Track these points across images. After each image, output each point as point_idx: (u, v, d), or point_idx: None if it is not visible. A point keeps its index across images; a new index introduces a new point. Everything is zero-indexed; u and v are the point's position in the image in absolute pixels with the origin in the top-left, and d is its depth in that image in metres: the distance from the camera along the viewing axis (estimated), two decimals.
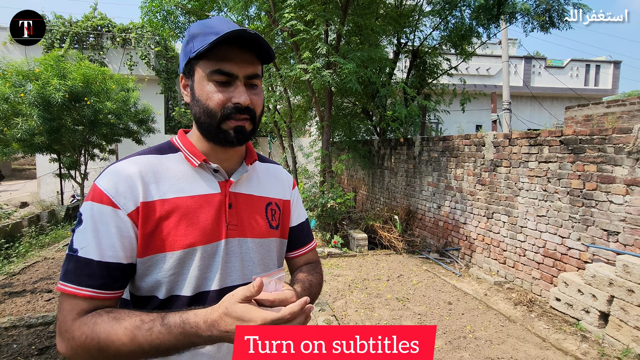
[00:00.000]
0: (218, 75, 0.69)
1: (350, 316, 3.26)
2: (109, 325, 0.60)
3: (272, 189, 0.86)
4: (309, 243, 0.95)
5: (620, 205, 2.88)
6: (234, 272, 0.74)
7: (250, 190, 0.81)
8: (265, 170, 0.89)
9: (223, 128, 0.71)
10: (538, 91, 13.37)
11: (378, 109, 6.94)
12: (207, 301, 0.70)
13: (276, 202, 0.86)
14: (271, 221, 0.83)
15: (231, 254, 0.74)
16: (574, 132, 3.28)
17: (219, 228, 0.72)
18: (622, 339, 2.62)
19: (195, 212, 0.71)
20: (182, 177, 0.73)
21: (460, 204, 4.75)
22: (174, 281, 0.68)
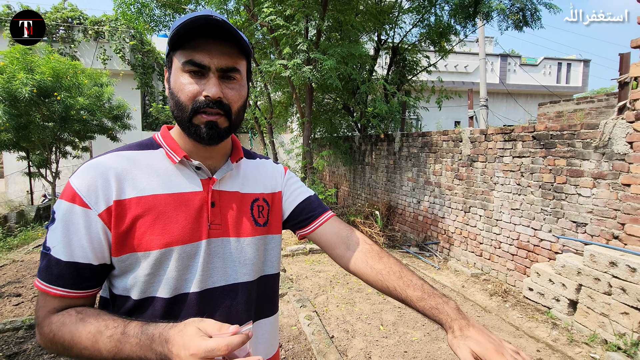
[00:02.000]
0: (190, 66, 0.66)
1: (332, 311, 3.28)
2: (75, 327, 0.59)
3: (259, 184, 0.83)
4: (324, 213, 0.87)
5: (587, 197, 3.01)
6: (216, 274, 0.71)
7: (234, 188, 0.77)
8: (253, 166, 0.85)
9: (194, 122, 0.67)
10: (513, 88, 13.77)
11: (359, 105, 6.97)
12: (187, 304, 0.67)
13: (264, 198, 0.82)
14: (257, 218, 0.79)
15: (214, 254, 0.71)
16: (545, 128, 3.39)
17: (199, 227, 0.69)
18: (589, 325, 2.75)
19: (173, 211, 0.68)
20: (162, 174, 0.70)
21: (438, 199, 4.84)
22: (149, 282, 0.66)
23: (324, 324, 3.03)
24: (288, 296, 3.48)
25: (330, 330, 2.94)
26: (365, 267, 0.80)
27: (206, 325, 0.54)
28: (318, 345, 2.60)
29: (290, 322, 3.04)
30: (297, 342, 2.73)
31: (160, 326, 0.56)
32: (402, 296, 0.75)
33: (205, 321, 0.55)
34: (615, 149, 2.80)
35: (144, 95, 11.62)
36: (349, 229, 0.87)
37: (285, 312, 3.21)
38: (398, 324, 3.07)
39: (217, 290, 0.71)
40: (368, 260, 0.81)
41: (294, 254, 4.88)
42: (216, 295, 0.71)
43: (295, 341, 2.75)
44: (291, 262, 4.65)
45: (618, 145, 2.79)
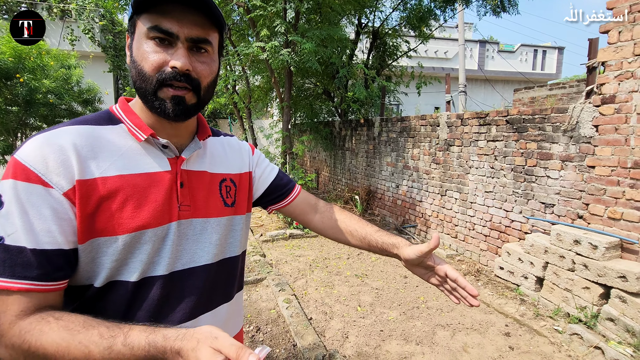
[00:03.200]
0: (155, 32, 0.60)
1: (310, 294, 3.32)
2: (59, 336, 0.52)
3: (226, 164, 0.82)
4: (294, 187, 0.97)
5: (556, 179, 3.13)
6: (185, 256, 0.69)
7: (203, 167, 0.75)
8: (219, 145, 0.83)
9: (159, 96, 0.62)
10: (491, 74, 14.00)
11: (339, 90, 6.92)
12: (154, 287, 0.65)
13: (231, 178, 0.81)
14: (226, 199, 0.78)
15: (183, 236, 0.69)
16: (518, 112, 3.48)
17: (170, 209, 0.67)
18: (554, 300, 2.90)
19: (143, 192, 0.64)
20: (126, 153, 0.64)
21: (417, 183, 4.92)
22: (116, 267, 0.62)
23: (303, 307, 3.06)
24: (267, 280, 3.49)
25: (309, 313, 2.98)
26: (331, 220, 0.96)
27: (221, 345, 0.50)
28: (296, 327, 2.63)
29: (269, 306, 3.06)
30: (275, 325, 2.76)
31: (168, 337, 0.52)
32: (362, 234, 0.91)
33: (219, 338, 0.51)
34: (583, 132, 2.91)
35: (117, 79, 11.14)
36: (315, 197, 1.00)
37: (264, 296, 3.23)
38: (375, 304, 3.14)
39: (184, 272, 0.69)
40: (332, 215, 0.96)
41: (274, 240, 4.88)
42: (183, 277, 0.69)
43: (273, 324, 2.78)
44: (271, 247, 4.66)
45: (585, 129, 2.89)
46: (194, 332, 0.52)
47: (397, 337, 2.64)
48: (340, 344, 2.56)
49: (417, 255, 0.79)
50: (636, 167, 2.56)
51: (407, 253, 0.81)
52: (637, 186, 2.56)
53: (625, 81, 2.61)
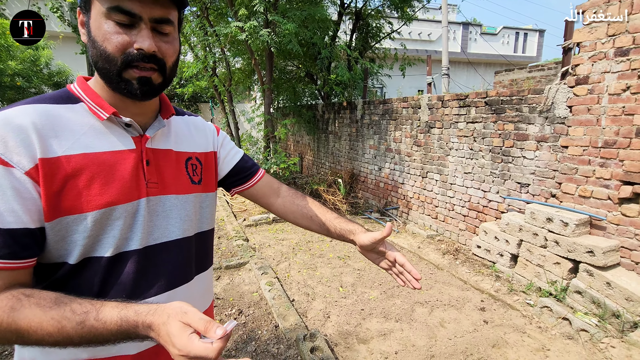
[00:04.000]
0: (117, 14, 0.59)
1: (293, 277, 3.35)
2: (31, 312, 0.53)
3: (191, 143, 0.82)
4: (258, 170, 0.98)
5: (531, 160, 3.20)
6: (157, 231, 0.71)
7: (168, 146, 0.76)
8: (183, 124, 0.83)
9: (125, 77, 0.62)
10: (474, 57, 14.06)
11: (322, 72, 6.82)
12: (129, 262, 0.67)
13: (197, 157, 0.82)
14: (192, 177, 0.80)
15: (153, 212, 0.70)
16: (496, 94, 3.51)
17: (137, 186, 0.67)
18: (527, 276, 3.02)
19: (110, 169, 0.64)
20: (89, 132, 0.64)
21: (399, 165, 4.96)
22: (89, 244, 0.63)
23: (285, 289, 3.09)
24: (250, 264, 3.50)
25: (291, 295, 3.01)
26: (292, 205, 0.97)
27: (190, 318, 0.52)
28: (278, 309, 2.66)
29: (251, 289, 3.08)
30: (257, 308, 2.78)
31: (140, 312, 0.54)
32: (322, 220, 0.94)
33: (189, 313, 0.53)
34: (557, 112, 2.97)
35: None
36: (278, 182, 1.01)
37: (247, 280, 3.24)
38: (357, 284, 3.20)
39: (158, 246, 0.71)
40: (294, 200, 0.98)
41: (257, 224, 4.87)
42: (157, 252, 0.71)
43: (256, 307, 2.80)
44: (254, 231, 4.65)
45: (559, 110, 2.95)
46: (165, 307, 0.54)
47: (377, 315, 2.71)
48: (321, 323, 2.61)
49: (371, 242, 0.84)
50: (606, 147, 2.64)
51: (362, 239, 0.86)
52: (607, 165, 2.65)
53: (598, 62, 2.66)
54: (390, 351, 2.30)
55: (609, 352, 2.22)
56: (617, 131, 2.57)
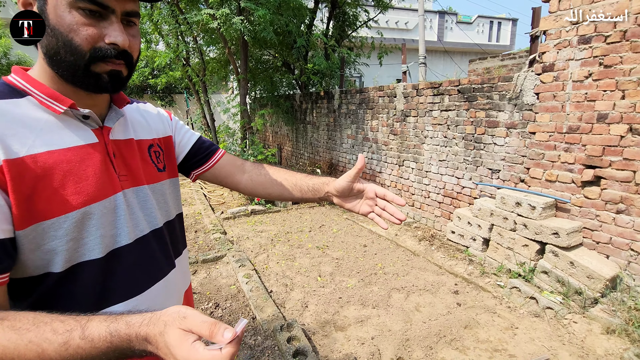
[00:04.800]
0: (87, 3, 0.55)
1: (272, 268, 3.35)
2: (5, 337, 0.46)
3: (150, 130, 0.81)
4: (218, 150, 0.94)
5: (501, 146, 3.29)
6: (141, 222, 0.71)
7: (128, 135, 0.74)
8: (136, 112, 0.81)
9: (94, 71, 0.59)
10: (450, 46, 14.22)
11: (298, 61, 6.73)
12: (122, 258, 0.66)
13: (157, 143, 0.81)
14: (157, 164, 0.79)
15: (132, 205, 0.69)
16: (469, 82, 3.56)
17: (110, 180, 0.65)
18: (497, 259, 3.13)
19: (79, 166, 0.61)
20: (46, 128, 0.59)
21: (376, 154, 5.00)
22: (74, 248, 0.59)
23: (263, 281, 3.09)
24: (227, 257, 3.46)
25: (270, 286, 3.01)
26: (259, 176, 0.94)
27: (191, 323, 0.45)
28: (256, 301, 2.66)
29: (229, 282, 3.05)
30: (235, 300, 2.77)
31: (132, 324, 0.47)
32: (293, 182, 0.91)
33: (188, 317, 0.46)
34: (525, 100, 3.04)
35: None
36: (241, 159, 0.97)
37: (224, 273, 3.21)
38: (335, 274, 3.23)
39: (146, 237, 0.72)
40: (260, 171, 0.94)
41: (235, 217, 4.81)
42: (146, 243, 0.71)
43: (233, 299, 2.78)
44: (232, 224, 4.60)
45: (527, 97, 3.03)
46: (160, 314, 0.48)
47: (354, 302, 2.75)
48: (299, 313, 2.62)
49: (348, 181, 0.81)
50: (570, 132, 2.74)
51: (337, 184, 0.83)
52: (571, 150, 2.75)
53: (563, 49, 2.73)
54: (367, 337, 2.34)
55: (572, 327, 2.35)
56: (580, 117, 2.67)
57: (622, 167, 2.46)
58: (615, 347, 2.16)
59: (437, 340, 2.29)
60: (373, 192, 0.82)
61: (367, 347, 2.22)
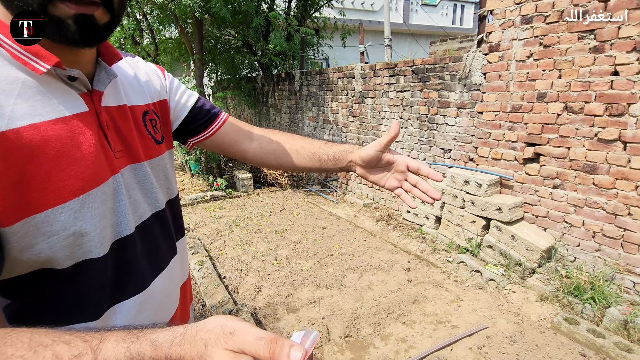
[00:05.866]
0: None
1: (228, 254, 3.29)
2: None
3: (142, 93, 0.67)
4: (220, 113, 0.82)
5: (452, 126, 3.35)
6: (142, 205, 0.62)
7: (121, 101, 0.61)
8: (127, 68, 0.67)
9: (53, 15, 0.45)
10: (415, 28, 14.28)
11: (259, 42, 6.49)
12: (128, 248, 0.57)
13: (153, 109, 0.69)
14: (154, 135, 0.67)
15: (129, 186, 0.59)
16: (422, 62, 3.58)
17: (107, 159, 0.54)
18: (448, 235, 3.24)
19: (72, 143, 0.49)
20: (23, 93, 0.46)
21: (336, 137, 4.98)
22: (74, 244, 0.49)
23: (217, 267, 3.02)
24: None
25: (223, 272, 2.96)
26: (271, 143, 0.82)
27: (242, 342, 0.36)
28: (206, 288, 2.60)
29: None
30: None
31: (160, 344, 0.37)
32: (310, 150, 0.80)
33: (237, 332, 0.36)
34: (474, 79, 3.10)
35: None
36: (247, 124, 0.85)
37: None
38: (292, 257, 3.22)
39: (147, 222, 0.63)
40: (272, 137, 0.83)
41: (193, 203, 4.67)
42: (149, 227, 0.63)
43: None
44: (190, 211, 4.46)
45: (475, 77, 3.08)
46: (197, 329, 0.38)
47: (309, 284, 2.76)
48: (252, 297, 2.60)
49: (377, 150, 0.70)
50: (514, 111, 2.82)
51: (364, 152, 0.72)
52: (514, 128, 2.84)
53: (507, 29, 2.78)
54: (318, 317, 2.36)
55: (510, 297, 2.48)
56: (522, 96, 2.75)
57: (559, 144, 2.58)
58: (547, 312, 2.31)
59: (386, 316, 2.35)
60: (405, 165, 0.72)
61: (317, 327, 2.24)
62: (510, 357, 1.99)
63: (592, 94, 2.36)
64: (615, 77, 2.25)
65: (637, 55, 2.14)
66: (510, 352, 2.02)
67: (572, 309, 2.28)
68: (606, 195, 2.38)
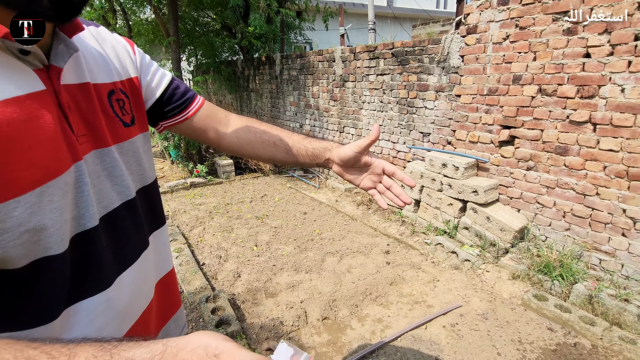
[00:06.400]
0: None
1: (207, 240, 3.25)
2: None
3: (108, 69, 0.60)
4: (196, 96, 0.77)
5: (431, 110, 3.36)
6: (109, 195, 0.56)
7: (84, 78, 0.54)
8: (90, 40, 0.59)
9: None
10: (399, 12, 14.13)
11: (238, 24, 6.29)
12: (91, 241, 0.52)
13: (120, 88, 0.61)
14: (122, 117, 0.60)
15: (94, 174, 0.53)
16: (401, 44, 3.54)
17: (68, 145, 0.48)
18: (426, 218, 3.28)
19: (26, 128, 0.43)
20: None
21: (318, 121, 4.93)
22: (31, 240, 0.43)
23: (196, 254, 2.99)
24: None
25: (202, 259, 2.93)
26: (248, 133, 0.79)
27: None
28: (184, 275, 2.57)
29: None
30: None
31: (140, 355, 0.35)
32: (288, 143, 0.78)
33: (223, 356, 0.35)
34: (452, 62, 3.09)
35: None
36: (224, 110, 0.82)
37: None
38: (272, 242, 3.21)
39: (115, 213, 0.57)
40: (249, 126, 0.79)
41: (173, 190, 4.58)
42: (117, 219, 0.58)
43: None
44: (169, 198, 4.37)
45: (454, 59, 3.07)
46: (178, 350, 0.35)
47: (288, 269, 2.76)
48: (231, 283, 2.59)
49: (355, 151, 0.72)
50: (490, 94, 2.84)
51: (343, 152, 0.73)
52: (491, 111, 2.87)
53: (485, 11, 2.76)
54: (296, 301, 2.37)
55: (484, 276, 2.55)
56: (498, 79, 2.76)
57: (533, 126, 2.61)
58: (519, 290, 2.39)
59: (363, 298, 2.38)
60: (381, 168, 0.74)
61: (295, 311, 2.25)
62: (482, 333, 2.05)
63: (565, 76, 2.38)
64: (587, 59, 2.28)
65: (608, 37, 2.17)
66: (482, 328, 2.09)
67: (541, 286, 2.36)
68: (576, 176, 2.44)
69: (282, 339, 1.85)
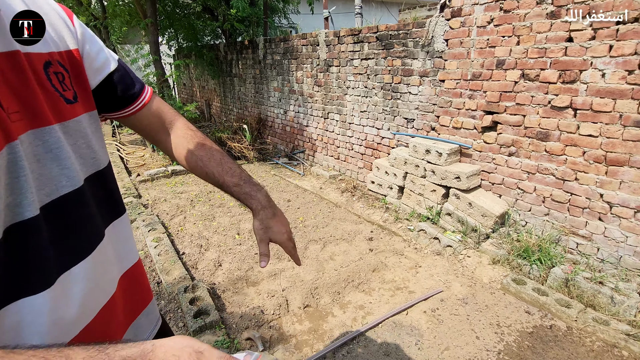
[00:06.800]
0: None
1: (188, 229, 3.18)
2: None
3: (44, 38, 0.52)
4: (144, 90, 0.72)
5: (415, 95, 3.31)
6: (53, 180, 0.50)
7: (10, 46, 0.46)
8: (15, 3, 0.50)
9: None
10: None
11: (220, 6, 6.07)
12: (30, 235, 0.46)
13: (59, 60, 0.54)
14: (63, 92, 0.54)
15: (33, 157, 0.47)
16: (386, 28, 3.46)
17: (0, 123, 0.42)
18: (410, 205, 3.28)
19: None
20: None
21: (302, 107, 4.84)
22: None
23: (176, 243, 2.93)
24: (137, 222, 3.21)
25: (182, 248, 2.86)
26: (187, 153, 0.78)
27: None
28: (163, 264, 2.51)
29: (137, 248, 2.84)
30: None
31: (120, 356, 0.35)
32: (220, 182, 0.78)
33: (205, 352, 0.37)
34: (436, 47, 3.04)
35: None
36: (173, 113, 0.78)
37: None
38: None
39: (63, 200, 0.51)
40: (189, 146, 0.78)
41: (153, 179, 4.46)
42: (64, 208, 0.52)
43: None
44: (150, 187, 4.26)
45: (438, 43, 3.02)
46: (167, 348, 0.37)
47: (270, 257, 2.72)
48: (211, 273, 2.54)
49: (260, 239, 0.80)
50: (474, 79, 2.81)
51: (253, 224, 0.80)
52: (474, 97, 2.84)
53: None
54: (278, 289, 2.35)
55: (465, 262, 2.57)
56: (482, 63, 2.73)
57: (515, 111, 2.60)
58: (498, 275, 2.42)
59: (345, 286, 2.37)
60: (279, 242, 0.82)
61: (276, 299, 2.23)
62: (462, 318, 2.07)
63: (548, 60, 2.37)
64: (569, 43, 2.26)
65: (591, 21, 2.14)
66: (462, 313, 2.11)
67: (520, 271, 2.39)
68: (556, 162, 2.45)
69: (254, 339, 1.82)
